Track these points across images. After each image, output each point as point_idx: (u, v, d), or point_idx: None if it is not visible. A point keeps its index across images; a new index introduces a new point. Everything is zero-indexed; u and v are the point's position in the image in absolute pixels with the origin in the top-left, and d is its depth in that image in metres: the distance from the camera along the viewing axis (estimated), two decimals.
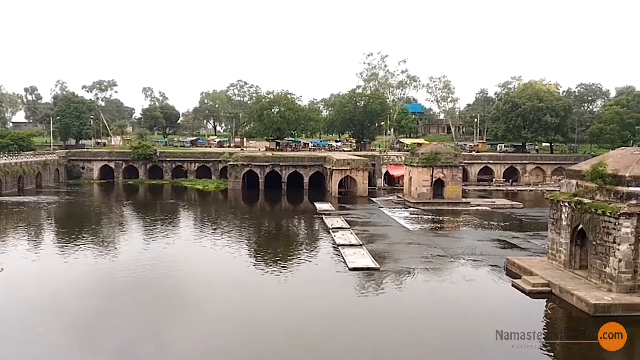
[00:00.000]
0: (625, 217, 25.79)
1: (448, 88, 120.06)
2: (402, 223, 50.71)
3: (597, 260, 27.50)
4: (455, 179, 64.39)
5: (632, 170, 27.11)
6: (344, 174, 71.98)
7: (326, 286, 30.60)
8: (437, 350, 22.08)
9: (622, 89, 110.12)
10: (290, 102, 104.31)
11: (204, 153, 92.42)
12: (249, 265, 35.23)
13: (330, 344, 22.54)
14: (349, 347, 22.25)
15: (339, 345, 22.40)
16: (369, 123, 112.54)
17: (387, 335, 23.64)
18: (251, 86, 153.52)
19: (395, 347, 22.38)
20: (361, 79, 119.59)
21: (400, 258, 36.50)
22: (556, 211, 31.81)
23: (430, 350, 22.10)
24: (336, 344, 22.54)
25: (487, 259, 36.50)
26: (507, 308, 27.75)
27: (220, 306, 27.18)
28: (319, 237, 45.45)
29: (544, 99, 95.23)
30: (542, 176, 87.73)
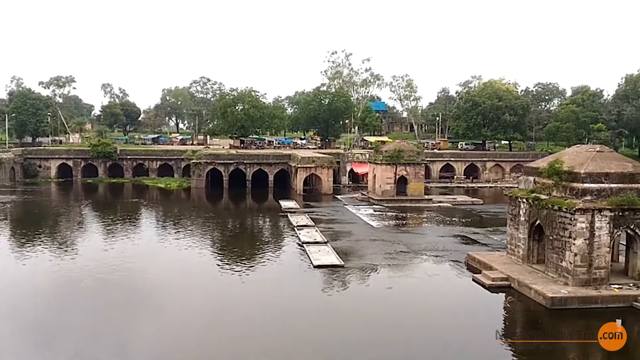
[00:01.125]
0: (580, 213, 26.74)
1: (411, 87, 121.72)
2: (366, 220, 51.19)
3: (554, 254, 28.44)
4: (418, 176, 65.46)
5: (587, 167, 28.13)
6: (309, 171, 72.11)
7: (291, 284, 30.63)
8: (400, 345, 22.39)
9: (577, 89, 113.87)
10: (255, 100, 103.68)
11: (166, 151, 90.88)
12: (213, 264, 34.88)
13: (295, 342, 22.61)
14: (314, 344, 22.37)
15: (304, 343, 22.49)
16: (334, 121, 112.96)
17: (352, 331, 23.85)
18: (214, 83, 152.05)
19: (359, 343, 22.59)
20: (325, 77, 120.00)
21: (364, 255, 36.86)
22: (515, 207, 32.72)
23: (394, 345, 22.39)
24: (301, 341, 22.62)
25: (449, 254, 37.27)
26: (467, 302, 28.39)
27: (184, 307, 26.81)
28: (284, 235, 45.41)
29: (503, 98, 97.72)
30: (501, 173, 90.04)
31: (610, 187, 27.44)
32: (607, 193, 27.30)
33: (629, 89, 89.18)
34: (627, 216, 27.15)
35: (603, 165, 28.31)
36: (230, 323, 24.55)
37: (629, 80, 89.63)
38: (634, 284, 27.23)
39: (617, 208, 26.87)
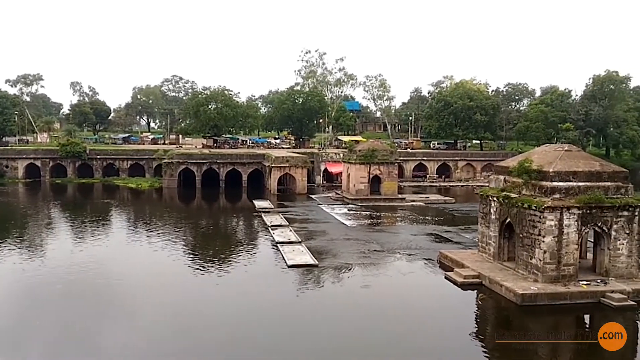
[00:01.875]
0: (549, 211, 27.29)
1: (384, 87, 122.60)
2: (340, 219, 51.31)
3: (524, 252, 28.97)
4: (392, 175, 65.95)
5: (556, 166, 28.74)
6: (283, 171, 71.93)
7: (265, 284, 30.45)
8: (374, 343, 22.48)
9: (546, 89, 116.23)
10: (228, 99, 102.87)
11: (137, 150, 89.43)
12: (186, 265, 34.42)
13: (269, 343, 22.48)
14: (289, 344, 22.29)
15: (278, 343, 22.38)
16: (308, 120, 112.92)
17: (326, 330, 23.89)
18: (187, 82, 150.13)
19: (333, 341, 22.63)
20: (299, 77, 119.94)
21: (338, 254, 36.91)
22: (485, 206, 33.21)
23: (368, 344, 22.48)
24: (275, 342, 22.50)
25: (422, 252, 37.62)
26: (440, 300, 28.75)
27: (157, 309, 26.37)
28: (258, 235, 45.17)
29: (474, 98, 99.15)
30: (472, 172, 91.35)
31: (578, 185, 28.09)
32: (575, 191, 27.92)
33: (596, 89, 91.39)
34: (594, 214, 27.84)
35: (571, 164, 28.97)
36: (203, 325, 24.24)
37: (596, 80, 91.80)
38: (602, 280, 27.93)
39: (584, 206, 27.52)
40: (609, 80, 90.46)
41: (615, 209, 27.97)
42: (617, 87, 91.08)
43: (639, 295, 26.66)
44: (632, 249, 28.33)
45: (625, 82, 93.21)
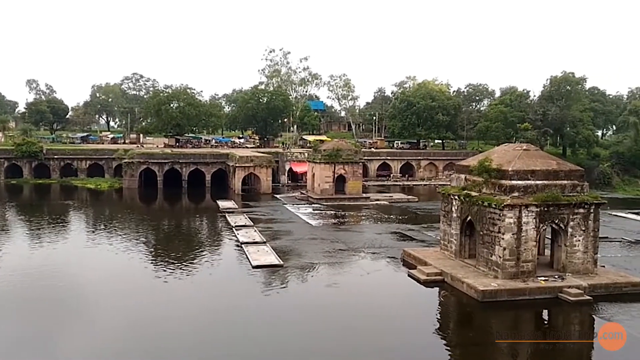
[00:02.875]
0: (508, 209, 27.93)
1: (348, 86, 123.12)
2: (305, 219, 51.26)
3: (484, 249, 29.57)
4: (356, 174, 66.35)
5: (514, 165, 29.44)
6: (247, 171, 71.38)
7: (230, 286, 30.13)
8: (338, 341, 22.53)
9: (505, 89, 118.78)
10: (190, 97, 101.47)
11: (96, 150, 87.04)
12: (148, 268, 33.69)
13: (234, 344, 22.23)
14: (254, 345, 22.06)
15: (243, 344, 22.14)
16: (272, 120, 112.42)
17: (292, 330, 23.78)
18: (147, 80, 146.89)
19: (298, 341, 22.57)
20: (263, 76, 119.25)
21: (303, 254, 36.85)
22: (447, 204, 33.74)
23: (333, 342, 22.50)
24: (240, 343, 22.26)
25: (386, 251, 37.96)
26: (403, 298, 29.06)
27: (117, 313, 25.69)
28: (222, 235, 44.65)
29: (436, 98, 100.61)
30: (435, 171, 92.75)
31: (536, 183, 28.86)
32: (533, 190, 28.68)
33: (554, 90, 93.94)
34: (551, 211, 28.65)
35: (529, 163, 29.73)
36: (165, 328, 23.78)
37: (553, 81, 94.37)
38: (559, 275, 28.78)
39: (542, 204, 28.30)
40: (566, 81, 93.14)
41: (572, 207, 28.88)
42: (573, 88, 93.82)
43: (594, 290, 27.59)
44: (588, 245, 29.28)
45: (581, 83, 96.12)
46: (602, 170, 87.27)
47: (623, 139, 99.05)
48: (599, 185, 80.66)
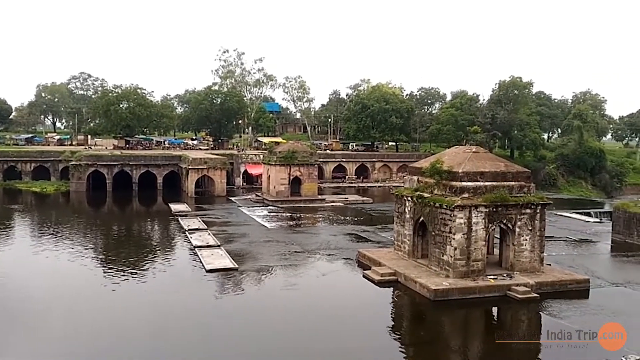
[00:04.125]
0: (459, 209, 28.60)
1: (303, 88, 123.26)
2: (260, 221, 50.88)
3: (436, 249, 30.16)
4: (312, 176, 66.43)
5: (464, 167, 30.19)
6: (200, 173, 70.23)
7: (183, 290, 29.47)
8: (294, 343, 22.47)
9: (456, 93, 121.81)
10: (141, 98, 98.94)
11: (42, 152, 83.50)
12: (97, 274, 32.53)
13: (188, 349, 21.78)
14: (208, 350, 21.70)
15: (197, 349, 21.73)
16: (227, 121, 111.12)
17: (247, 334, 23.51)
18: (96, 79, 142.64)
19: (253, 344, 22.33)
20: (217, 76, 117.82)
21: (259, 257, 36.56)
22: (400, 205, 34.24)
23: (288, 344, 22.41)
24: (194, 348, 21.83)
25: (341, 252, 38.14)
26: (358, 298, 29.26)
27: (66, 321, 24.71)
28: (175, 239, 43.71)
29: (390, 101, 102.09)
30: (389, 173, 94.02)
31: (485, 185, 29.69)
32: (483, 191, 29.49)
33: (502, 94, 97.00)
34: (500, 212, 29.54)
35: (479, 165, 30.56)
36: (116, 335, 23.05)
37: (501, 86, 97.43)
38: (507, 274, 29.68)
39: (491, 204, 29.13)
40: (513, 86, 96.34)
41: (519, 207, 29.86)
42: (520, 92, 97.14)
43: (541, 287, 28.59)
44: (535, 244, 30.35)
45: (528, 88, 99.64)
46: (548, 171, 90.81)
47: (567, 142, 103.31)
48: (545, 186, 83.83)
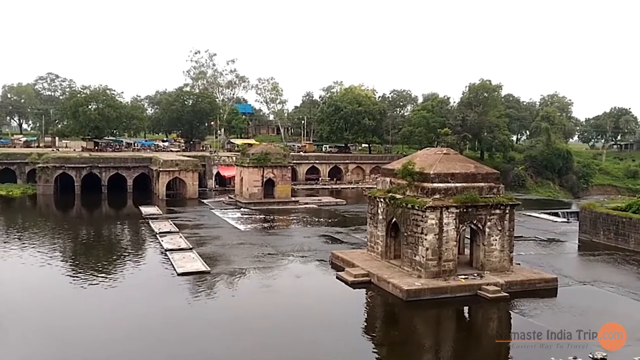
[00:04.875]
0: (430, 210, 28.94)
1: (276, 90, 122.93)
2: (233, 224, 50.52)
3: (409, 249, 30.45)
4: (285, 178, 66.31)
5: (436, 168, 30.58)
6: (172, 175, 69.36)
7: (154, 294, 29.03)
8: (268, 346, 22.35)
9: (427, 96, 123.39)
10: (110, 99, 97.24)
11: (7, 154, 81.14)
12: (65, 279, 31.73)
13: (159, 354, 21.47)
14: (179, 354, 21.41)
15: (168, 353, 21.44)
16: (198, 123, 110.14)
17: (220, 337, 23.31)
18: (64, 80, 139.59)
19: (227, 348, 22.16)
20: (188, 77, 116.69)
21: (232, 259, 36.28)
22: (373, 206, 34.46)
23: (263, 347, 22.29)
24: (166, 352, 21.54)
25: (315, 254, 38.16)
26: (332, 300, 29.26)
27: (33, 327, 23.98)
28: (145, 243, 43.05)
29: (363, 103, 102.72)
30: (362, 175, 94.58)
31: (455, 186, 30.12)
32: (453, 192, 29.91)
33: (472, 96, 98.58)
34: (470, 212, 30.00)
35: (449, 167, 31.00)
36: (85, 341, 22.54)
37: (471, 88, 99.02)
38: (478, 274, 30.15)
39: (462, 205, 29.56)
40: (483, 89, 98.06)
41: (489, 208, 30.38)
42: (490, 95, 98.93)
43: (511, 287, 29.10)
44: (504, 244, 30.91)
45: (497, 90, 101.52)
46: (516, 173, 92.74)
47: (536, 144, 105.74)
48: (514, 187, 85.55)
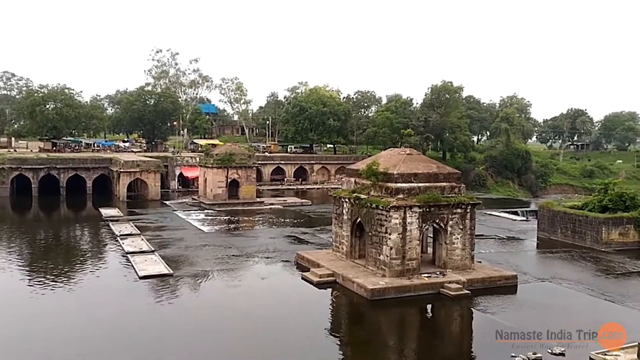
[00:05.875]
0: (394, 210, 29.23)
1: (241, 90, 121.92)
2: (197, 225, 49.83)
3: (373, 249, 30.67)
4: (250, 179, 65.85)
5: (399, 168, 30.91)
6: (133, 176, 67.89)
7: (114, 298, 28.30)
8: (233, 349, 22.13)
9: (391, 97, 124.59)
10: (69, 98, 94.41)
11: None
12: (22, 284, 30.60)
13: (121, 358, 20.99)
14: (144, 357, 20.99)
15: (133, 357, 20.95)
16: (161, 123, 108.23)
17: (183, 340, 22.90)
18: (20, 79, 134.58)
19: (192, 350, 21.80)
20: (150, 76, 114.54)
21: (195, 261, 35.75)
22: (339, 207, 34.57)
23: (227, 350, 22.05)
24: (128, 357, 21.04)
25: (280, 255, 38.00)
26: (297, 301, 29.21)
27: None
28: (106, 245, 41.91)
29: (328, 103, 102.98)
30: (327, 175, 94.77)
31: (418, 186, 30.53)
32: (416, 191, 30.30)
33: (434, 98, 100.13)
34: (433, 212, 30.46)
35: (412, 167, 31.39)
36: (44, 346, 21.80)
37: (434, 90, 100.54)
38: (440, 272, 30.62)
39: (424, 204, 29.98)
40: (445, 90, 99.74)
41: (451, 207, 30.91)
42: (451, 97, 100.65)
43: (472, 284, 29.68)
44: (466, 243, 31.50)
45: (458, 92, 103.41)
46: (477, 172, 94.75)
47: (496, 144, 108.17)
48: (475, 186, 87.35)
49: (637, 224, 41.55)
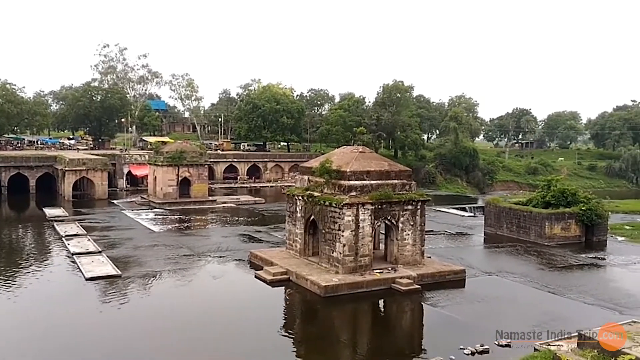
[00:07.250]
0: (347, 207, 29.53)
1: (192, 86, 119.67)
2: (146, 225, 48.69)
3: (326, 246, 30.88)
4: (202, 177, 64.88)
5: (352, 166, 31.22)
6: (79, 175, 65.63)
7: (60, 301, 27.26)
8: (184, 351, 21.78)
9: (344, 95, 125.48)
10: (10, 94, 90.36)
11: None
12: None
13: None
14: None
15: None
16: (108, 119, 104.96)
17: (132, 344, 22.37)
18: None
19: (141, 354, 21.33)
20: (97, 72, 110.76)
21: (144, 262, 34.93)
22: (292, 204, 34.59)
23: (178, 352, 21.68)
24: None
25: (233, 254, 37.66)
26: (250, 299, 29.05)
27: None
28: (50, 247, 40.37)
29: (281, 101, 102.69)
30: (281, 173, 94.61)
31: (370, 183, 30.96)
32: (369, 189, 30.71)
33: (386, 97, 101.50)
34: (384, 209, 30.95)
35: (365, 165, 31.78)
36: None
37: (385, 89, 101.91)
38: (392, 268, 31.17)
39: (376, 202, 30.43)
40: (396, 89, 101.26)
41: (402, 204, 31.50)
42: (402, 96, 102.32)
43: (423, 279, 30.36)
44: (416, 239, 32.18)
45: (409, 91, 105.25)
46: (427, 170, 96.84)
47: (445, 142, 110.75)
48: (425, 183, 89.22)
49: (578, 219, 43.57)
